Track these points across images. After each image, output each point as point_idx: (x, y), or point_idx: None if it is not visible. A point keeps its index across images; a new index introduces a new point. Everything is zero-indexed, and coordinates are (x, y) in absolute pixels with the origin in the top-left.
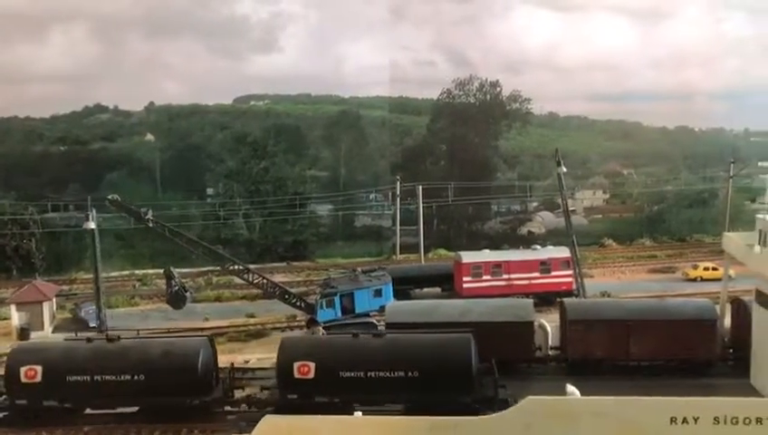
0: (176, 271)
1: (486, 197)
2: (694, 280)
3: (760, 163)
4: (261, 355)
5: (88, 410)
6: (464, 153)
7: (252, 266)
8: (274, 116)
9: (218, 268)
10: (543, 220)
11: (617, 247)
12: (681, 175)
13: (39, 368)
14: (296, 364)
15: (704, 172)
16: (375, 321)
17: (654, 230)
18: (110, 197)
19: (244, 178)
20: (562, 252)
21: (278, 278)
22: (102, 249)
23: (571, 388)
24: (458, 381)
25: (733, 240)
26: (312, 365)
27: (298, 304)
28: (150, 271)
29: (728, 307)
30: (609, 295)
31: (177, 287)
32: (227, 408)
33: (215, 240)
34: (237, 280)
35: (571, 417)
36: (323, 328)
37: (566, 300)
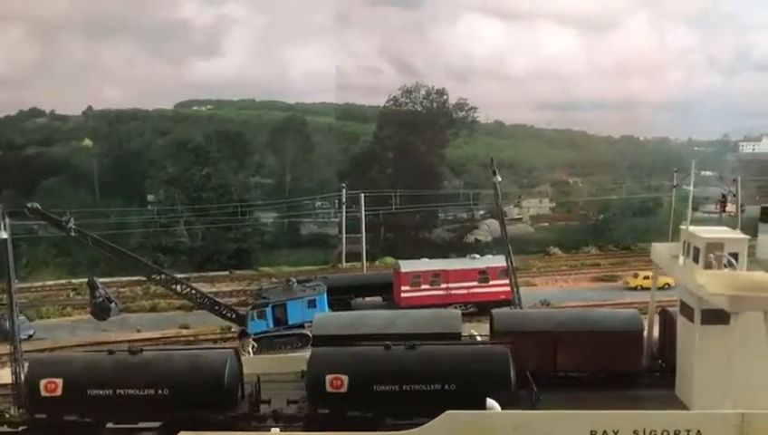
0: (100, 281)
1: (433, 205)
2: (634, 289)
3: (702, 172)
4: None
5: (109, 425)
6: (410, 161)
7: (194, 275)
8: (217, 122)
9: (144, 279)
10: (489, 228)
11: (562, 255)
12: (626, 184)
13: (59, 381)
14: (329, 377)
15: (648, 181)
16: (309, 333)
17: (599, 239)
18: (29, 205)
19: (186, 185)
20: (501, 261)
21: (221, 287)
22: (38, 257)
23: (490, 401)
24: (498, 395)
25: (659, 251)
26: (345, 378)
27: (228, 314)
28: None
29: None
30: (548, 304)
31: (101, 298)
32: (254, 423)
33: (156, 248)
34: (177, 290)
35: (491, 431)
36: (254, 340)
37: (495, 311)
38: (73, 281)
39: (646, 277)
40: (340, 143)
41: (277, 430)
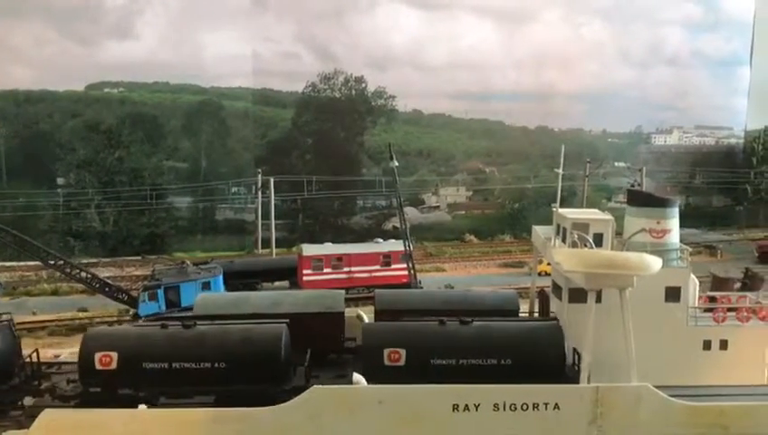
0: (4, 264)
1: (351, 191)
2: (539, 274)
3: (616, 163)
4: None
5: (163, 400)
6: (329, 148)
7: (105, 260)
8: (130, 104)
9: (39, 262)
10: (408, 216)
11: (476, 242)
12: (541, 173)
13: (114, 354)
14: (386, 351)
15: (563, 171)
16: None
17: (515, 227)
18: None
19: (98, 169)
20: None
21: (131, 272)
22: None
23: (357, 376)
24: (551, 370)
25: (537, 232)
26: (403, 352)
27: (120, 296)
28: None
29: None
30: (452, 288)
31: None
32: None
33: (66, 232)
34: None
35: (356, 405)
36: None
37: (378, 291)
38: None
39: (548, 263)
40: (258, 128)
41: (144, 406)
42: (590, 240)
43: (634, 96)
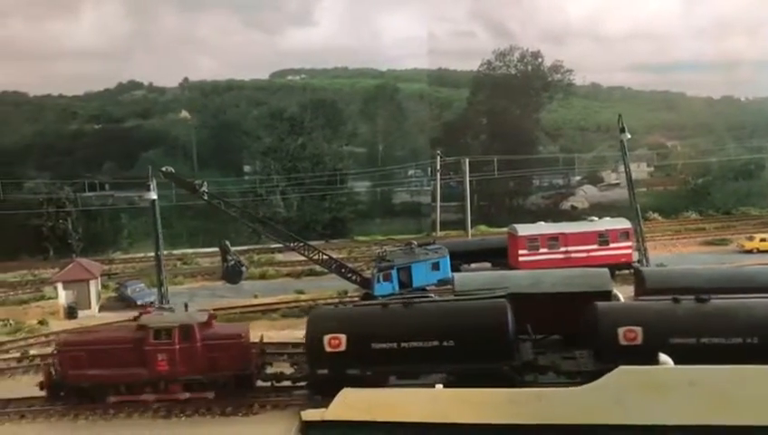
0: (200, 251)
1: (529, 170)
2: (750, 252)
3: None
4: None
5: None
6: (504, 126)
7: (292, 245)
8: (311, 91)
9: (281, 245)
10: (587, 194)
11: (662, 221)
12: (726, 146)
13: (639, 329)
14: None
15: (750, 143)
16: (433, 295)
17: (699, 203)
18: (163, 169)
19: (282, 155)
20: (621, 223)
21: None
22: (139, 228)
23: (664, 357)
24: None
25: None
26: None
27: (354, 278)
28: (189, 250)
29: None
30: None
31: (233, 262)
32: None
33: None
34: (279, 258)
35: (666, 387)
36: None
37: (642, 269)
38: (174, 252)
39: (762, 240)
40: (433, 110)
41: (440, 386)
42: None
43: None
